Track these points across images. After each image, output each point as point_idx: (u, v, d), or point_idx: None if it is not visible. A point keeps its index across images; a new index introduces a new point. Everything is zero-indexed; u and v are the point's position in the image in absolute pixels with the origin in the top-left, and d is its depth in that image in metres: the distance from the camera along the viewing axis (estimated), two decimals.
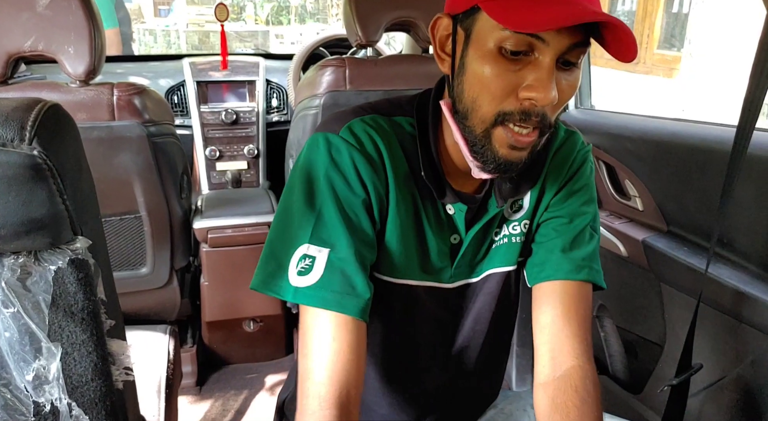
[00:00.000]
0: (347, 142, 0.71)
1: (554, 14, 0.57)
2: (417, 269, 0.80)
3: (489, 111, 0.65)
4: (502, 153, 0.66)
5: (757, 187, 1.01)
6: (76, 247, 0.55)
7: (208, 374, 1.97)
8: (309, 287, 0.69)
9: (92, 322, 0.57)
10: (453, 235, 0.80)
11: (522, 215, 0.82)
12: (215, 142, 2.12)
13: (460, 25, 0.67)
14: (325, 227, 0.70)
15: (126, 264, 1.53)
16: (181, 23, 9.46)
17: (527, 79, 0.62)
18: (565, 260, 0.79)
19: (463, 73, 0.66)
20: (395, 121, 0.76)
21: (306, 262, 0.70)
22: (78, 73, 1.28)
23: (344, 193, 0.71)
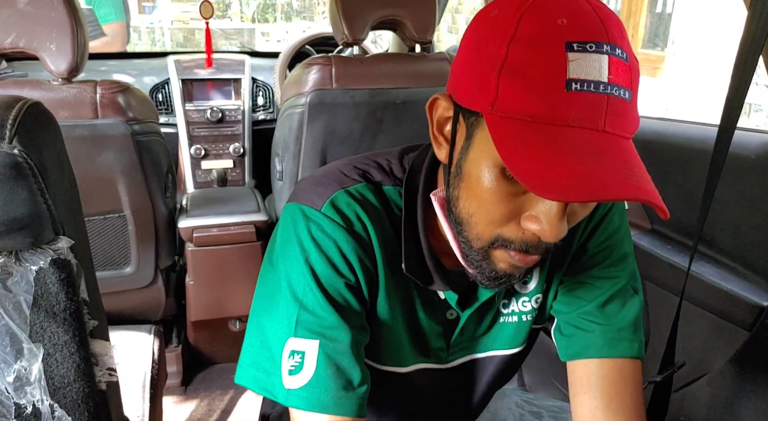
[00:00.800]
0: (331, 220, 0.62)
1: (578, 178, 0.45)
2: (411, 353, 0.72)
3: (486, 233, 0.56)
4: (501, 268, 0.58)
5: (738, 186, 1.03)
6: (57, 247, 0.54)
7: (194, 374, 1.96)
8: (302, 389, 0.61)
9: (75, 322, 0.56)
10: (449, 310, 0.71)
11: (533, 288, 0.72)
12: (200, 141, 2.11)
13: (463, 116, 0.56)
14: (311, 316, 0.62)
15: (110, 263, 1.52)
16: (165, 20, 9.38)
17: (532, 208, 0.53)
18: (596, 333, 0.68)
19: (460, 179, 0.57)
20: (384, 192, 0.67)
21: (295, 358, 0.61)
22: (60, 70, 1.26)
23: (329, 278, 0.62)
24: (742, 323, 0.99)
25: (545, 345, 1.58)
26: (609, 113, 0.48)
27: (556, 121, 0.47)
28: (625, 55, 0.49)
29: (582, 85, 0.47)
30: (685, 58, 4.96)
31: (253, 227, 1.74)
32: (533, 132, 0.48)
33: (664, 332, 1.11)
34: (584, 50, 0.47)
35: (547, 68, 0.47)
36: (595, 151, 0.47)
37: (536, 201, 0.52)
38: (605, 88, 0.48)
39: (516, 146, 0.48)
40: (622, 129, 0.49)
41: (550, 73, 0.47)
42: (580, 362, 0.69)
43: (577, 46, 0.47)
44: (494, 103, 0.50)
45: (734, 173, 1.01)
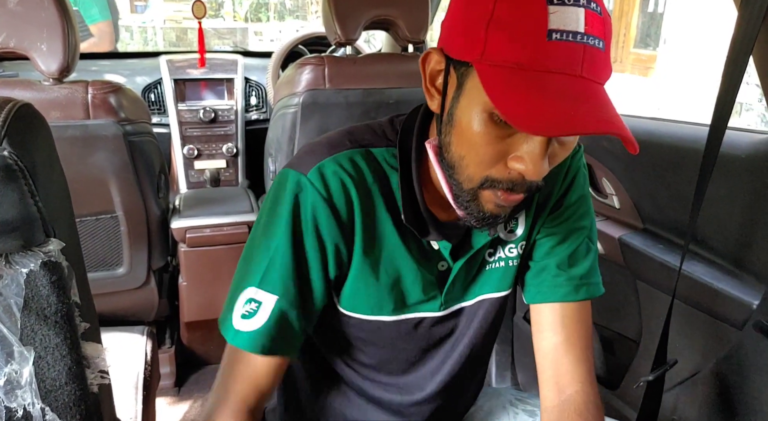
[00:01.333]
0: (314, 186, 0.68)
1: (559, 117, 0.52)
2: (404, 304, 0.77)
3: (476, 173, 0.61)
4: (488, 208, 0.64)
5: (729, 186, 1.03)
6: (48, 249, 0.54)
7: (187, 375, 1.95)
8: (250, 332, 0.69)
9: (66, 325, 0.56)
10: (440, 262, 0.77)
11: (519, 236, 0.79)
12: (193, 141, 2.10)
13: (454, 69, 0.61)
14: (276, 273, 0.69)
15: (102, 265, 1.51)
16: (158, 20, 9.34)
17: (518, 149, 0.58)
18: (562, 281, 0.78)
19: (451, 126, 0.62)
20: (375, 154, 0.72)
21: (251, 306, 0.69)
22: (51, 70, 1.25)
23: (301, 242, 0.69)
24: (733, 322, 1.00)
25: None
26: (585, 61, 0.54)
27: (539, 68, 0.53)
28: (599, 8, 0.55)
29: (561, 35, 0.53)
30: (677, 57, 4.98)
31: (246, 227, 1.73)
32: (519, 78, 0.53)
33: (656, 330, 1.11)
34: (563, 3, 0.53)
35: (530, 20, 0.53)
36: (574, 94, 0.53)
37: (521, 142, 0.58)
38: (582, 38, 0.53)
39: (504, 91, 0.53)
40: (597, 75, 0.55)
41: (532, 25, 0.53)
42: (547, 305, 0.79)
43: (557, 0, 0.53)
44: (483, 53, 0.55)
45: (725, 173, 1.02)
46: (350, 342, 0.82)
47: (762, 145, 0.98)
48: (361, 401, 0.89)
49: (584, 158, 0.82)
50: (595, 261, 0.81)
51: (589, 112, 0.52)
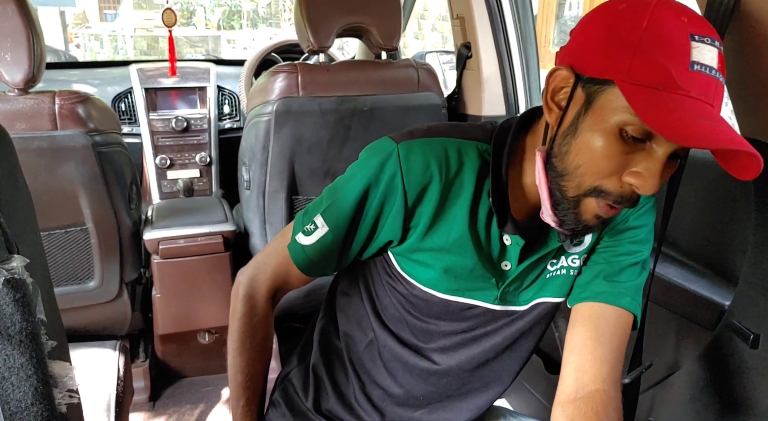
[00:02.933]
0: (398, 159, 0.75)
1: (705, 132, 0.57)
2: (457, 288, 0.82)
3: (588, 182, 0.66)
4: (585, 218, 0.69)
5: (699, 189, 1.05)
6: (11, 266, 0.52)
7: (162, 389, 1.91)
8: (301, 245, 0.83)
9: (31, 344, 0.54)
10: (504, 261, 0.81)
11: (583, 249, 0.83)
12: (166, 150, 2.07)
13: (582, 86, 0.65)
14: (336, 210, 0.79)
15: (72, 278, 1.48)
16: (128, 28, 9.23)
17: (636, 165, 0.63)
18: (607, 285, 0.80)
19: (573, 137, 0.66)
20: (465, 144, 0.77)
21: (311, 226, 0.82)
22: (16, 81, 1.23)
23: (365, 199, 0.78)
24: (706, 323, 1.01)
25: None
26: (717, 93, 0.61)
27: (681, 92, 0.59)
28: (722, 50, 0.62)
29: (702, 68, 0.59)
30: None
31: (220, 237, 1.71)
32: (663, 98, 0.59)
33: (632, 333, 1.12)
34: (703, 41, 0.59)
35: (677, 49, 0.59)
36: (712, 118, 0.59)
37: (641, 159, 0.63)
38: (715, 74, 0.60)
39: (650, 106, 0.58)
40: (720, 109, 0.62)
41: (679, 53, 0.59)
42: (586, 303, 0.80)
43: (698, 38, 0.59)
44: (627, 73, 0.60)
45: (695, 177, 1.04)
46: (401, 303, 0.86)
47: None
48: (393, 365, 0.91)
49: (655, 205, 0.86)
50: (642, 286, 0.82)
51: (728, 132, 0.58)
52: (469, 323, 0.86)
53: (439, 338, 0.88)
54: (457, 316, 0.85)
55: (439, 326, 0.86)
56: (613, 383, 0.75)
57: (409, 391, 0.91)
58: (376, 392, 0.93)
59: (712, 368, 0.99)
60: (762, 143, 0.85)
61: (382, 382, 0.92)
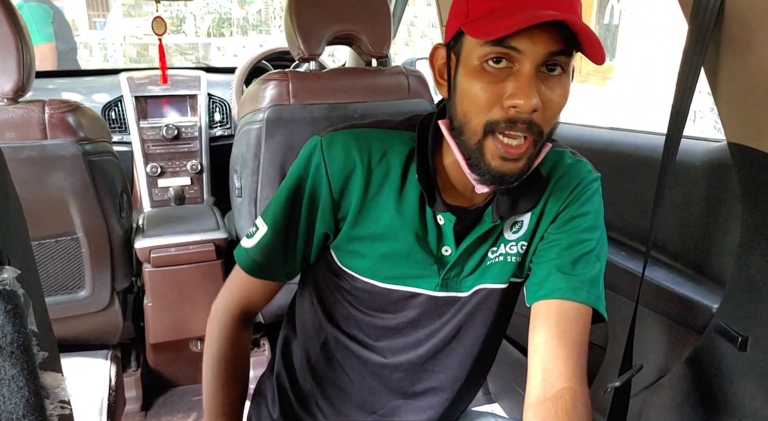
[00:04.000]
0: (321, 151, 0.79)
1: (516, 20, 0.62)
2: (398, 273, 0.84)
3: (478, 122, 0.69)
4: (494, 165, 0.70)
5: (686, 193, 1.06)
6: (2, 277, 0.52)
7: (154, 398, 1.90)
8: (244, 249, 0.87)
9: (23, 355, 0.54)
10: (444, 246, 0.82)
11: (521, 235, 0.84)
12: (156, 159, 2.07)
13: (452, 51, 0.73)
14: (272, 209, 0.84)
15: (63, 288, 1.47)
16: (117, 36, 9.20)
17: (509, 88, 0.66)
18: (562, 280, 0.79)
19: (455, 93, 0.72)
20: (390, 134, 0.81)
21: (253, 229, 0.86)
22: (5, 90, 1.22)
23: (298, 193, 0.82)
24: (695, 326, 1.02)
25: (508, 354, 1.60)
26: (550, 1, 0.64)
27: (510, 8, 0.64)
28: None
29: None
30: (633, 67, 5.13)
31: (212, 245, 1.71)
32: (494, 16, 0.64)
33: (620, 337, 1.13)
34: None
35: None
36: (535, 10, 0.63)
37: (511, 82, 0.66)
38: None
39: (482, 25, 0.65)
40: (561, 8, 0.64)
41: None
42: (544, 301, 0.80)
43: None
44: (467, 15, 0.68)
45: (682, 180, 1.05)
46: (347, 298, 0.88)
47: (716, 153, 1.01)
48: (346, 362, 0.92)
49: (600, 188, 0.86)
50: (601, 278, 0.82)
51: (540, 16, 0.62)
52: (414, 313, 0.87)
53: (385, 331, 0.89)
54: (400, 306, 0.86)
55: (384, 319, 0.88)
56: (579, 380, 0.75)
57: (366, 389, 0.92)
58: (335, 394, 0.94)
59: (701, 371, 1.00)
60: (749, 149, 0.87)
61: (339, 382, 0.93)
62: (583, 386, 0.75)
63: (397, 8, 2.22)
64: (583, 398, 0.74)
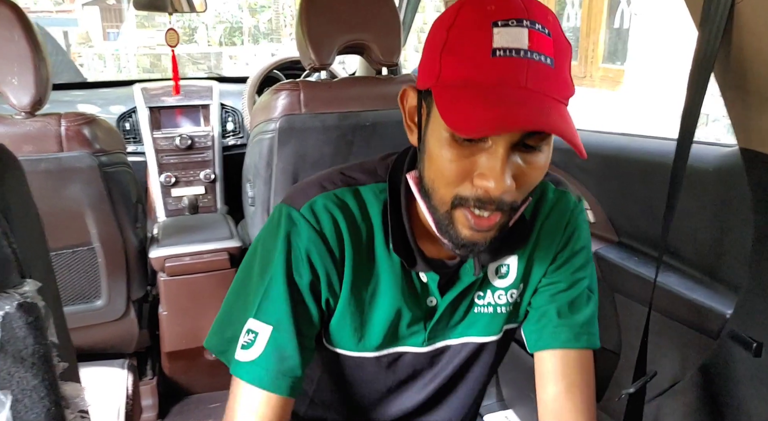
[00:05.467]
0: (306, 220, 0.71)
1: (493, 119, 0.54)
2: (389, 339, 0.79)
3: (446, 194, 0.64)
4: (464, 234, 0.65)
5: (699, 198, 1.06)
6: (24, 290, 0.53)
7: (170, 406, 1.92)
8: (248, 363, 0.71)
9: (44, 366, 0.55)
10: (429, 298, 0.78)
11: (510, 283, 0.80)
12: (170, 168, 2.09)
13: (424, 101, 0.66)
14: (271, 305, 0.71)
15: (80, 298, 1.49)
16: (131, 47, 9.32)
17: (480, 166, 0.60)
18: (563, 328, 0.78)
19: (423, 152, 0.65)
20: (364, 192, 0.75)
21: (249, 336, 0.71)
22: (23, 104, 1.25)
23: (294, 274, 0.72)
24: (709, 332, 1.02)
25: (522, 360, 1.59)
26: (530, 74, 0.57)
27: (485, 83, 0.57)
28: (546, 30, 0.58)
29: (504, 52, 0.56)
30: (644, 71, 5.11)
31: (226, 253, 1.72)
32: (466, 93, 0.57)
33: (634, 343, 1.13)
34: (507, 25, 0.57)
35: (477, 41, 0.57)
36: (516, 101, 0.56)
37: (482, 159, 0.60)
38: (525, 54, 0.57)
39: (452, 104, 0.57)
40: (545, 88, 0.58)
41: (479, 45, 0.57)
42: (548, 352, 0.79)
43: (501, 23, 0.57)
44: (439, 77, 0.60)
45: (694, 186, 1.05)
46: (329, 377, 0.83)
47: (728, 158, 1.01)
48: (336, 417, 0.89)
49: (585, 213, 0.84)
50: (595, 312, 0.81)
51: (527, 114, 0.55)
52: (403, 372, 0.83)
53: (375, 394, 0.86)
54: (389, 369, 0.82)
55: (373, 384, 0.84)
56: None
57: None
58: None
59: (715, 377, 1.00)
60: (760, 154, 0.86)
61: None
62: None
63: (406, 16, 2.24)
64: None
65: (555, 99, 0.59)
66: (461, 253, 0.69)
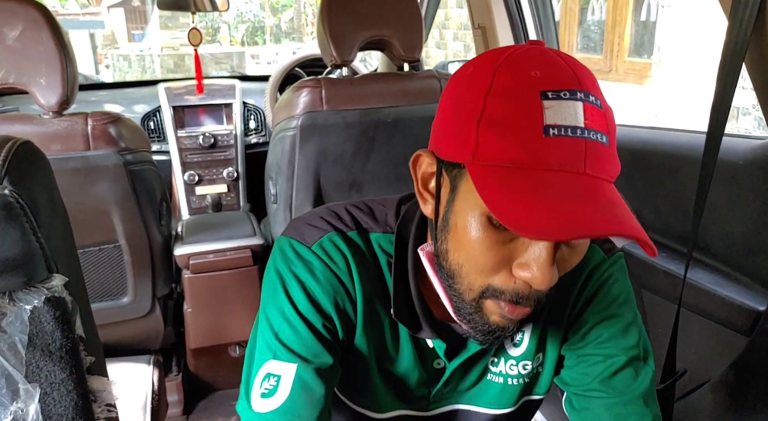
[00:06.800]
0: (319, 257, 0.65)
1: (563, 218, 0.46)
2: (391, 399, 0.72)
3: (477, 283, 0.56)
4: (493, 320, 0.57)
5: (729, 192, 1.03)
6: (51, 285, 0.54)
7: (195, 402, 1.94)
8: (272, 412, 0.62)
9: (71, 360, 0.56)
10: (436, 360, 0.70)
11: (522, 353, 0.71)
12: (194, 167, 2.11)
13: (446, 172, 0.57)
14: (294, 341, 0.64)
15: (107, 294, 1.51)
16: (155, 47, 9.45)
17: (522, 254, 0.52)
18: (603, 408, 0.67)
19: (447, 232, 0.57)
20: (373, 241, 0.68)
21: (270, 382, 0.63)
22: (51, 104, 1.27)
23: (309, 312, 0.64)
24: (740, 329, 0.99)
25: None
26: (588, 156, 0.49)
27: (537, 166, 0.49)
28: (599, 102, 0.51)
29: (559, 131, 0.48)
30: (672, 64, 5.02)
31: (249, 251, 1.74)
32: (515, 178, 0.49)
33: (663, 340, 1.11)
34: (558, 98, 0.49)
35: (524, 116, 0.49)
36: (578, 193, 0.48)
37: (525, 248, 0.52)
38: (582, 133, 0.49)
39: (500, 192, 0.49)
40: (602, 171, 0.50)
41: (527, 121, 0.49)
42: None
43: (552, 95, 0.49)
44: (475, 153, 0.51)
45: (725, 179, 1.02)
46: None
47: (760, 151, 0.98)
48: None
49: (622, 262, 0.73)
50: (652, 388, 0.69)
51: (596, 212, 0.47)
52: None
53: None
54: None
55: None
56: None
57: None
58: None
59: (748, 375, 0.97)
60: None
61: None
62: None
63: (428, 12, 2.23)
64: None
65: (609, 181, 0.52)
66: (483, 339, 0.60)
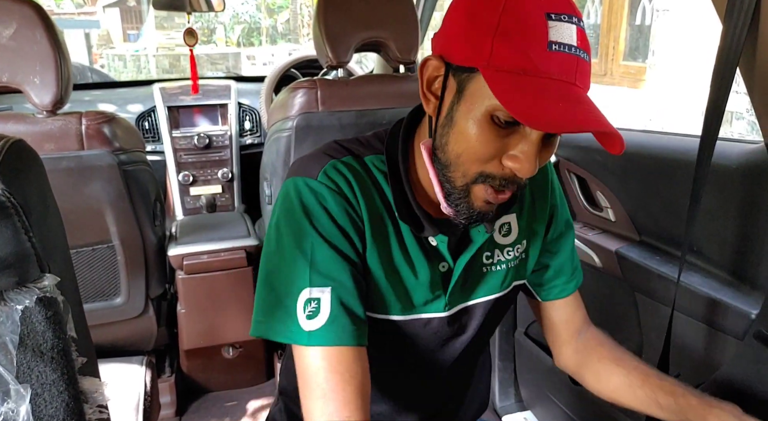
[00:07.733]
0: (327, 187, 0.73)
1: (563, 116, 0.58)
2: (411, 304, 0.80)
3: (472, 169, 0.66)
4: (477, 206, 0.69)
5: (723, 196, 1.04)
6: (43, 285, 0.54)
7: (188, 404, 1.93)
8: (322, 329, 0.70)
9: (62, 360, 0.56)
10: (441, 263, 0.79)
11: (515, 239, 0.84)
12: (188, 167, 2.11)
13: (453, 75, 0.66)
14: (323, 267, 0.71)
15: (99, 295, 1.50)
16: (150, 47, 9.42)
17: (513, 148, 0.64)
18: (569, 280, 0.91)
19: (450, 126, 0.67)
20: (366, 161, 0.77)
21: (312, 305, 0.70)
22: (45, 103, 1.26)
23: (332, 233, 0.72)
24: (733, 332, 1.00)
25: (541, 362, 1.58)
26: (579, 71, 0.61)
27: (540, 74, 0.60)
28: (583, 25, 0.63)
29: (560, 47, 0.60)
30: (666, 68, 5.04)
31: (243, 252, 1.73)
32: (524, 82, 0.59)
33: (656, 343, 1.11)
34: (560, 20, 0.60)
35: (534, 32, 0.60)
36: (572, 99, 0.60)
37: (516, 143, 0.64)
38: (575, 51, 0.61)
39: (511, 93, 0.59)
40: (585, 84, 0.63)
41: (536, 36, 0.59)
42: (558, 301, 0.92)
43: (554, 16, 0.60)
44: (489, 59, 0.61)
45: (718, 183, 1.03)
46: None
47: (753, 155, 0.99)
48: None
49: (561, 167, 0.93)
50: (575, 251, 0.94)
51: (588, 112, 0.59)
52: (430, 341, 0.84)
53: (402, 366, 0.87)
54: (415, 337, 0.83)
55: (406, 356, 0.85)
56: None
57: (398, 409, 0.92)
58: None
59: (740, 378, 0.97)
60: None
61: None
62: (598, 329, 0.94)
63: (424, 14, 2.23)
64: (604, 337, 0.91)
65: (587, 91, 0.64)
66: (466, 223, 0.72)
